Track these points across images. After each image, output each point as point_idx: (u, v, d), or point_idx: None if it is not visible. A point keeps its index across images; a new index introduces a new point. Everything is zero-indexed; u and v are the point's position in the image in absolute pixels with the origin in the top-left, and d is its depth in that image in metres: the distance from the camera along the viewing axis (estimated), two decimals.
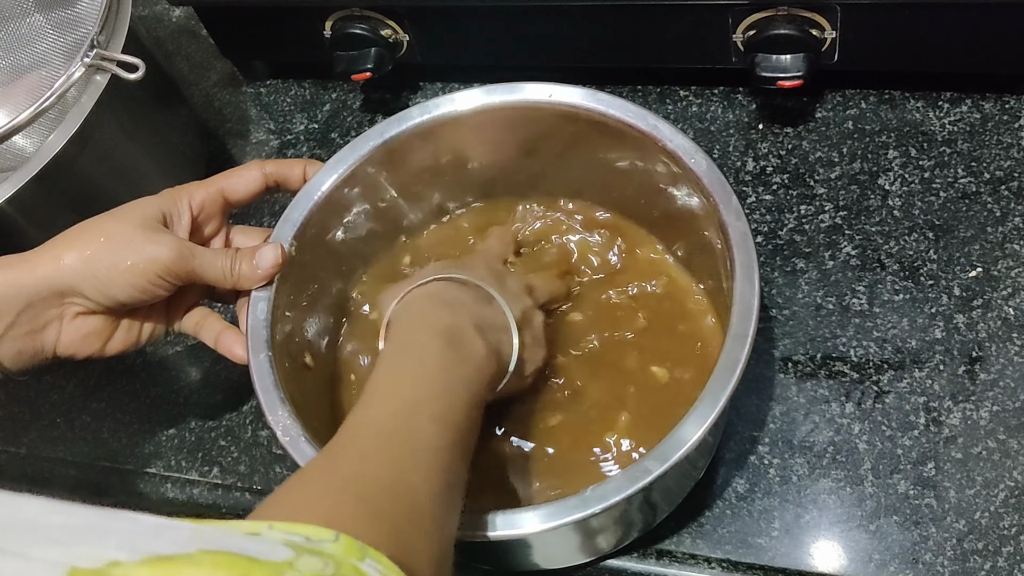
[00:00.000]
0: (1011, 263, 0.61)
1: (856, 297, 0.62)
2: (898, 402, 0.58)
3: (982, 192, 0.64)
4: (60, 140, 0.61)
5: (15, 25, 0.75)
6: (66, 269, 0.50)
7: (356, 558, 0.31)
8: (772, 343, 0.61)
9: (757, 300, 0.47)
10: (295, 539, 0.31)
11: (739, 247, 0.49)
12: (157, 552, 0.26)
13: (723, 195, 0.50)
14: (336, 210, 0.57)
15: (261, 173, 0.56)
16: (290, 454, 0.48)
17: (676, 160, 0.52)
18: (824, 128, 0.69)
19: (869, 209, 0.65)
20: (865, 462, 0.56)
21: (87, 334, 0.53)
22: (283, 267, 0.54)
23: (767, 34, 0.63)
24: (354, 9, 0.71)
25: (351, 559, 0.31)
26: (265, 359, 0.51)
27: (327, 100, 0.80)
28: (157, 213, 0.52)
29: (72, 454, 0.69)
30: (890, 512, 0.55)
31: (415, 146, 0.58)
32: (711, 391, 0.46)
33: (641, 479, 0.44)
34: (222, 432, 0.66)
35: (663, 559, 0.56)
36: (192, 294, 0.57)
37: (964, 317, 0.60)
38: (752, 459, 0.58)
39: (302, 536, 0.31)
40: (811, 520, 0.56)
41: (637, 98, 0.74)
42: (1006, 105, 0.67)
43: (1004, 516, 0.54)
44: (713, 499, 0.57)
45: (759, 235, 0.65)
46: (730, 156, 0.69)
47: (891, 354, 0.59)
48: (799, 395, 0.59)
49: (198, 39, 0.87)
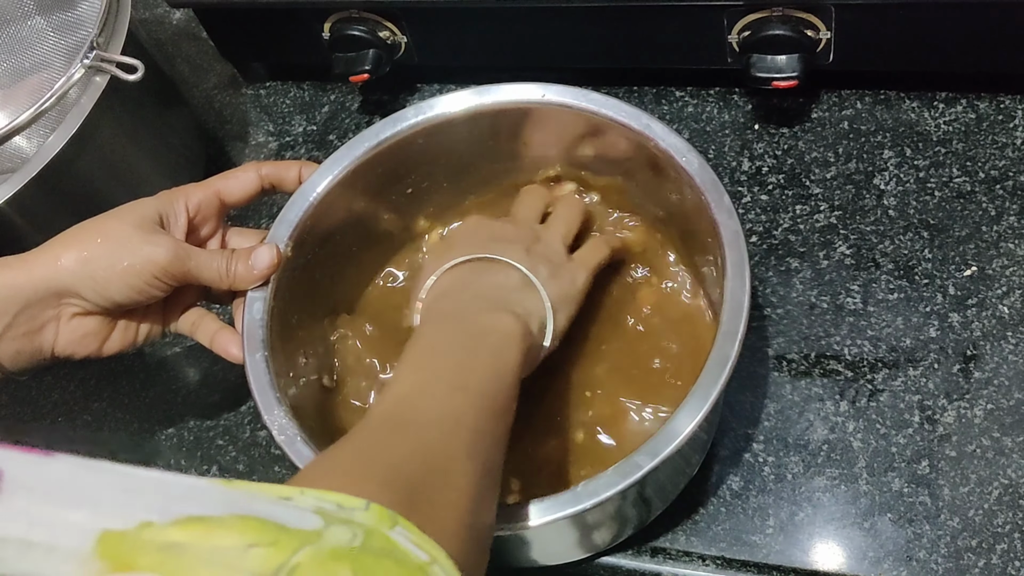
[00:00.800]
0: (1006, 262, 0.61)
1: (851, 296, 0.62)
2: (892, 400, 0.58)
3: (977, 191, 0.64)
4: (60, 141, 0.62)
5: (16, 27, 0.76)
6: (63, 270, 0.50)
7: (387, 526, 0.31)
8: (766, 341, 0.61)
9: (747, 298, 0.48)
10: (326, 506, 0.30)
11: (731, 245, 0.49)
12: (188, 513, 0.27)
13: (715, 194, 0.51)
14: (332, 211, 0.57)
15: (257, 175, 0.56)
16: (287, 453, 0.49)
17: (669, 159, 0.53)
18: (820, 128, 0.69)
19: (864, 209, 0.65)
20: (860, 460, 0.57)
21: (84, 334, 0.53)
22: (279, 268, 0.54)
23: (762, 35, 0.63)
24: (352, 11, 0.71)
25: (382, 528, 0.31)
26: (261, 359, 0.51)
27: (326, 102, 0.81)
28: (154, 214, 0.53)
29: (73, 452, 0.69)
30: (884, 510, 0.55)
31: (411, 146, 0.58)
32: (702, 386, 0.46)
33: (632, 474, 0.45)
34: (220, 432, 0.67)
35: (657, 556, 0.56)
36: (188, 295, 0.57)
37: (959, 316, 0.60)
38: (747, 457, 0.58)
39: (333, 503, 0.31)
40: (805, 518, 0.56)
41: (633, 99, 0.74)
42: (1001, 105, 0.67)
43: (998, 514, 0.54)
44: (708, 496, 0.57)
45: (754, 235, 0.66)
46: (726, 156, 0.69)
47: (885, 353, 0.60)
48: (794, 393, 0.59)
49: (198, 41, 0.88)
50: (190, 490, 0.28)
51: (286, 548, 0.27)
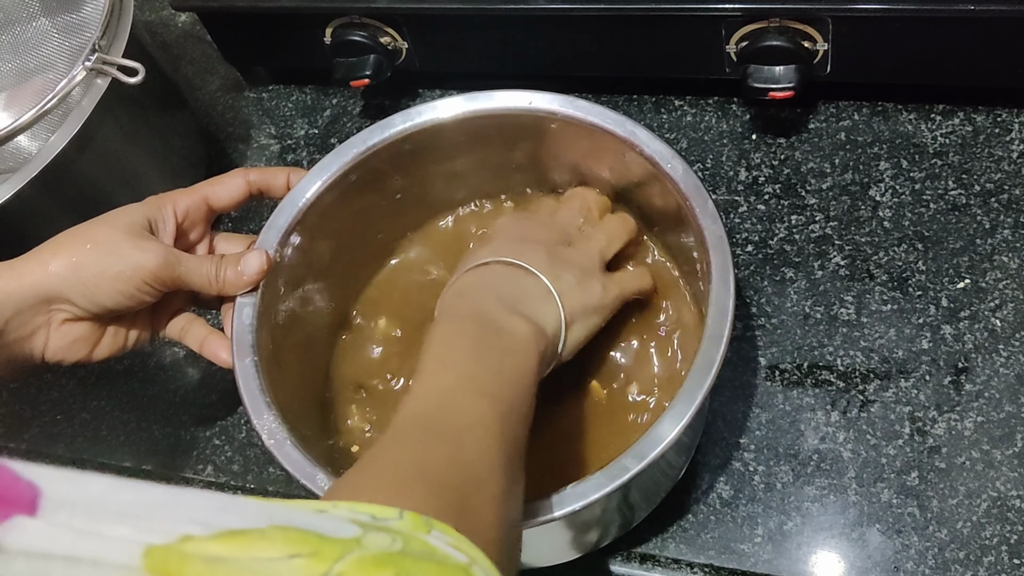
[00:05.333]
0: (999, 275, 0.61)
1: (844, 307, 0.62)
2: (883, 411, 0.58)
3: (972, 204, 0.64)
4: (61, 141, 0.62)
5: (22, 29, 0.77)
6: (53, 276, 0.50)
7: (423, 532, 0.31)
8: (759, 351, 0.62)
9: (732, 302, 0.48)
10: (360, 517, 0.30)
11: (715, 250, 0.49)
12: (229, 527, 0.26)
13: (699, 199, 0.51)
14: (321, 217, 0.57)
15: (245, 181, 0.57)
16: (276, 457, 0.49)
17: (654, 165, 0.53)
18: (817, 139, 0.69)
19: (859, 220, 0.65)
20: (849, 470, 0.57)
21: (74, 340, 0.53)
22: (268, 273, 0.54)
23: (759, 45, 0.64)
24: (354, 17, 0.72)
25: (418, 533, 0.31)
26: (251, 364, 0.51)
27: (328, 106, 0.81)
28: (143, 220, 0.53)
29: (71, 451, 0.69)
30: (873, 520, 0.55)
31: (399, 153, 0.58)
32: (687, 390, 0.46)
33: (620, 476, 0.45)
34: (216, 432, 0.67)
35: (646, 563, 0.57)
36: (177, 300, 0.57)
37: (951, 328, 0.60)
38: (737, 465, 0.58)
39: (367, 515, 0.31)
40: (794, 527, 0.56)
41: (633, 107, 0.74)
42: (998, 118, 0.67)
43: (986, 526, 0.54)
44: (697, 504, 0.58)
45: (749, 244, 0.66)
46: (723, 166, 0.70)
47: (877, 364, 0.60)
48: (785, 403, 0.60)
49: (203, 43, 0.88)
50: (228, 504, 0.28)
51: (328, 557, 0.27)
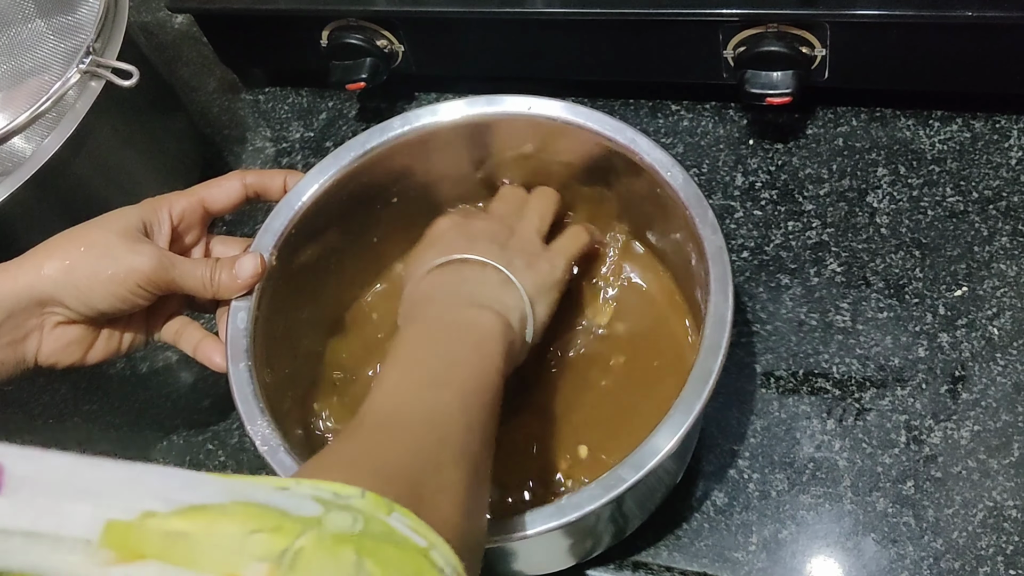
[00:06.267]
0: (997, 283, 0.61)
1: (840, 314, 0.62)
2: (879, 420, 0.58)
3: (970, 211, 0.64)
4: (55, 143, 0.62)
5: (17, 30, 0.76)
6: (46, 279, 0.50)
7: (384, 513, 0.31)
8: (754, 358, 0.61)
9: (731, 313, 0.48)
10: (323, 495, 0.31)
11: (714, 260, 0.49)
12: (190, 502, 0.27)
13: (699, 209, 0.51)
14: (318, 220, 0.57)
15: (241, 183, 0.56)
16: (269, 464, 0.48)
17: (654, 173, 0.53)
18: (814, 145, 0.69)
19: (856, 226, 0.65)
20: (845, 479, 0.57)
21: (68, 343, 0.53)
22: (263, 277, 0.54)
23: (757, 51, 0.64)
24: (350, 19, 0.72)
25: (379, 514, 0.31)
26: (245, 369, 0.51)
27: (324, 109, 0.81)
28: (138, 223, 0.53)
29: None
30: (868, 529, 0.55)
31: (397, 156, 0.58)
32: (684, 400, 0.46)
33: (616, 487, 0.45)
34: (209, 436, 0.67)
35: (639, 571, 0.56)
36: (172, 303, 0.57)
37: (948, 336, 0.60)
38: (732, 473, 0.58)
39: (329, 492, 0.31)
40: (789, 536, 0.56)
41: (629, 111, 0.74)
42: (996, 125, 0.67)
43: (982, 536, 0.54)
44: (691, 512, 0.57)
45: (745, 250, 0.66)
46: (720, 171, 0.69)
47: (873, 372, 0.59)
48: (780, 411, 0.59)
49: (199, 45, 0.88)
50: (190, 480, 0.28)
51: (289, 533, 0.27)
